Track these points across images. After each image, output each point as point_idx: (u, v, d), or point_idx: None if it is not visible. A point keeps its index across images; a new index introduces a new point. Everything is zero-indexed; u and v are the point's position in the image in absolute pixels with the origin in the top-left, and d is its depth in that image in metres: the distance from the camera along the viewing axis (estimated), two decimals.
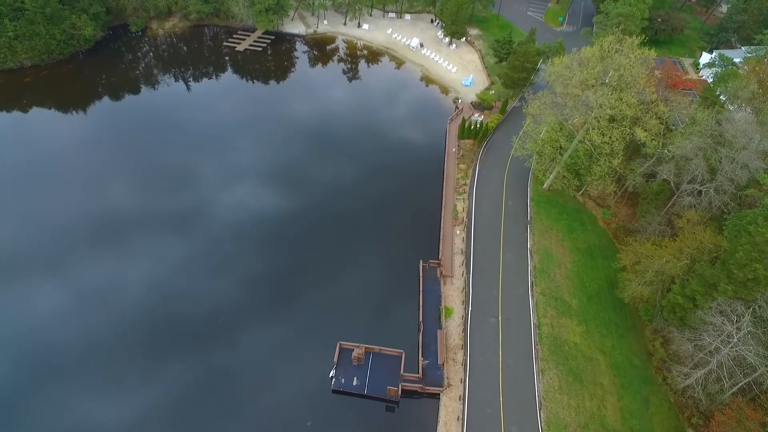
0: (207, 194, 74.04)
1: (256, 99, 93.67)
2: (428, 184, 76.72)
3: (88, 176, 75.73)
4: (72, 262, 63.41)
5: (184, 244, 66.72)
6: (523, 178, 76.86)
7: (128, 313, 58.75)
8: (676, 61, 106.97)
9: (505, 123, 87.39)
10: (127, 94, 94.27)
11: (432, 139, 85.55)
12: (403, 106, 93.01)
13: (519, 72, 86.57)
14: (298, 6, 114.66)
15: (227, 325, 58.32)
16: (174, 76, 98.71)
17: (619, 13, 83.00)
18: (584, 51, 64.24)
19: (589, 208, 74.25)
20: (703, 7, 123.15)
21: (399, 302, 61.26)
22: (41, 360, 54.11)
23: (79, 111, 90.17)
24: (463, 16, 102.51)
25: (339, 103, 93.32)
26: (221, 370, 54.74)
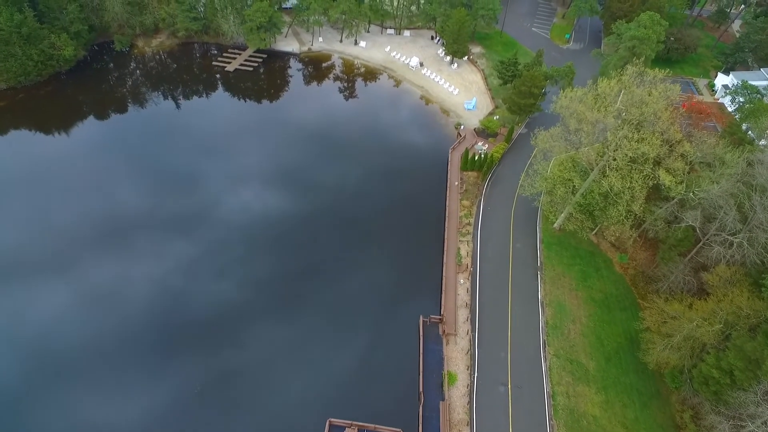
0: (184, 227, 67.02)
1: (245, 124, 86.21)
2: (428, 223, 69.57)
3: (66, 203, 69.06)
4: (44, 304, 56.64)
5: (157, 294, 59.78)
6: (532, 216, 69.85)
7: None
8: (690, 83, 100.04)
9: (510, 152, 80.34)
10: (108, 116, 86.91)
11: (432, 169, 78.34)
12: (401, 133, 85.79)
13: (525, 98, 79.48)
14: (292, 22, 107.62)
15: (205, 395, 51.35)
16: (159, 99, 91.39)
17: (634, 36, 75.96)
18: (601, 85, 57.28)
19: (604, 249, 67.24)
20: (714, 23, 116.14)
21: (396, 367, 53.95)
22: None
23: (57, 135, 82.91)
24: (465, 34, 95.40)
25: (333, 128, 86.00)
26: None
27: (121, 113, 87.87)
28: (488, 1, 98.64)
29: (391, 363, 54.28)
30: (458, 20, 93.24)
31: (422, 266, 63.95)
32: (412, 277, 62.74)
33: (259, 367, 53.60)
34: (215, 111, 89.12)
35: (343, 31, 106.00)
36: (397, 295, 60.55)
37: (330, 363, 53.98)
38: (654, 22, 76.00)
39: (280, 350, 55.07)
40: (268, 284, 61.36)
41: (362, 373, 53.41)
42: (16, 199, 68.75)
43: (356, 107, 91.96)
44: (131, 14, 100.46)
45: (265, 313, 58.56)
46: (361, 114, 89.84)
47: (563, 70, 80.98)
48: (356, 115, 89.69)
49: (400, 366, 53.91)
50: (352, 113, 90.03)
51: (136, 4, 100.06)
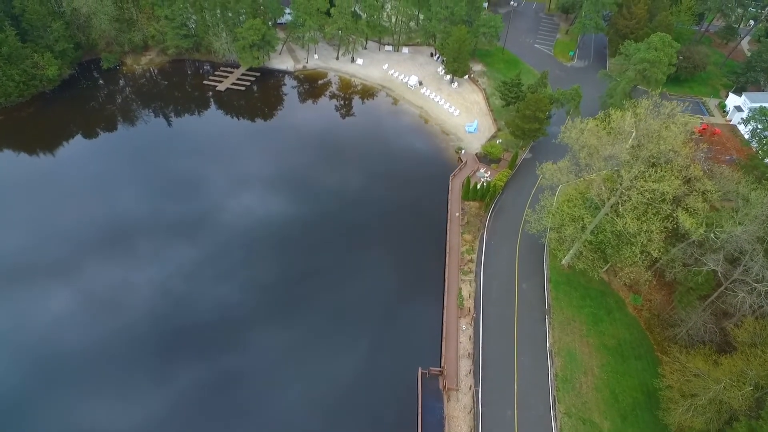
0: (164, 257, 62.06)
1: (235, 148, 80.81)
2: (428, 259, 64.44)
3: (47, 228, 64.80)
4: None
5: (128, 330, 54.82)
6: (538, 251, 64.78)
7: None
8: (700, 103, 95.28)
9: (514, 179, 75.40)
10: (93, 138, 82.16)
11: (432, 198, 73.27)
12: (400, 157, 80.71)
13: (530, 122, 74.62)
14: (287, 39, 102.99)
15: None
16: (146, 120, 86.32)
17: (644, 59, 71.20)
18: (614, 118, 52.38)
19: (616, 288, 62.16)
20: (722, 39, 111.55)
21: (392, 429, 48.92)
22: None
23: (39, 158, 78.13)
24: (466, 52, 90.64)
25: (327, 153, 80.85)
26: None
27: (106, 134, 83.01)
28: (490, 19, 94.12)
29: (386, 425, 49.03)
30: (459, 38, 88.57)
31: (421, 309, 58.77)
32: (410, 321, 57.49)
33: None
34: (204, 134, 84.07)
35: (340, 48, 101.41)
36: (394, 343, 55.26)
37: (322, 424, 48.83)
38: (665, 43, 71.22)
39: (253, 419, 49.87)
40: (250, 335, 56.40)
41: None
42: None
43: (352, 129, 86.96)
44: (119, 31, 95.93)
45: (245, 374, 53.49)
46: (357, 137, 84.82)
47: (570, 93, 76.16)
48: (352, 138, 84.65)
49: (396, 428, 48.69)
50: (348, 136, 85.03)
51: (124, 21, 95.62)
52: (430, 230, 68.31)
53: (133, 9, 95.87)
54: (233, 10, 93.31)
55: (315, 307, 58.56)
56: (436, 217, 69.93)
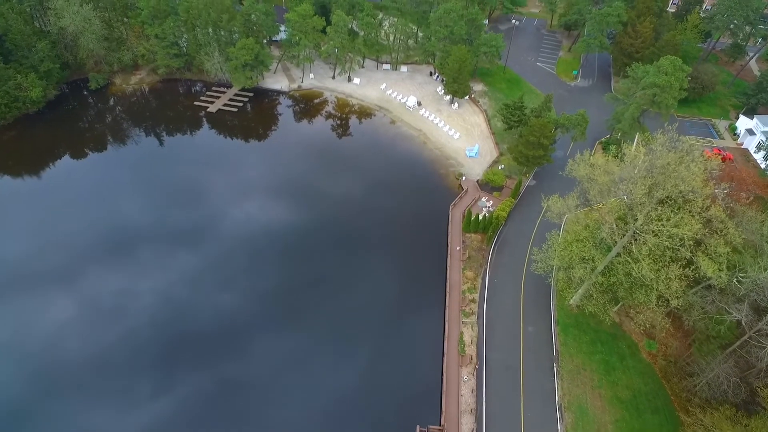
0: (145, 290, 57.65)
1: (223, 174, 76.27)
2: (427, 299, 59.83)
3: (28, 255, 61.22)
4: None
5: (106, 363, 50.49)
6: (544, 289, 60.28)
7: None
8: (709, 125, 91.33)
9: (518, 209, 71.09)
10: (76, 162, 78.06)
11: (431, 230, 68.84)
12: (397, 184, 76.29)
13: (534, 149, 70.55)
14: (281, 58, 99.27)
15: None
16: (132, 144, 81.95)
17: (654, 84, 67.28)
18: (628, 155, 48.19)
19: (628, 330, 57.62)
20: (729, 57, 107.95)
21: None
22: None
23: (20, 182, 73.92)
24: (466, 72, 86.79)
25: (320, 178, 76.08)
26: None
27: (91, 157, 79.00)
28: (491, 38, 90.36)
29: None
30: (459, 58, 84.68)
31: (420, 356, 54.08)
32: (408, 370, 52.74)
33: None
34: (193, 158, 79.78)
35: (336, 67, 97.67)
36: (390, 398, 50.58)
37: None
38: (676, 67, 67.28)
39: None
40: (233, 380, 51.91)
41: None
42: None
43: (348, 155, 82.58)
44: (108, 50, 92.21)
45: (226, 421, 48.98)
46: (353, 163, 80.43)
47: (575, 118, 72.12)
48: (348, 164, 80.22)
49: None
50: (343, 162, 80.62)
51: (113, 39, 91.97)
52: (429, 265, 63.87)
53: (122, 27, 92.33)
54: (226, 28, 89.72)
55: (305, 359, 53.97)
56: (436, 251, 65.51)
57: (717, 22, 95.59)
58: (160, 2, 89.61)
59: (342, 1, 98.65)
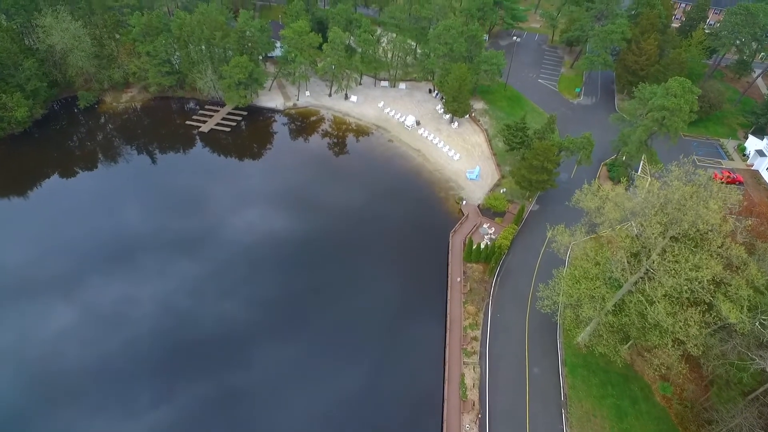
0: (129, 320, 54.00)
1: (214, 196, 73.01)
2: (425, 338, 55.83)
3: (11, 278, 58.11)
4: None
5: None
6: (550, 326, 56.39)
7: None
8: (717, 145, 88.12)
9: (521, 236, 67.55)
10: (61, 183, 74.61)
11: (430, 259, 65.20)
12: (395, 209, 72.70)
13: (538, 173, 67.31)
14: (276, 75, 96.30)
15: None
16: (119, 165, 78.50)
17: (663, 107, 64.10)
18: (640, 188, 44.88)
19: (640, 371, 53.72)
20: (735, 73, 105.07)
21: None
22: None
23: (1, 206, 70.78)
24: (467, 91, 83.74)
25: (313, 202, 72.52)
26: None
27: (76, 179, 75.56)
28: (491, 55, 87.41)
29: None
30: (459, 76, 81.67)
31: (419, 402, 50.27)
32: (407, 420, 49.03)
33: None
34: (183, 180, 76.27)
35: (332, 84, 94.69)
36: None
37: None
38: (685, 89, 64.14)
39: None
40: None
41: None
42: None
43: (344, 176, 78.96)
44: (99, 68, 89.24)
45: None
46: (349, 185, 76.81)
47: (580, 142, 68.83)
48: (343, 186, 76.59)
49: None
50: (339, 184, 77.03)
51: (104, 57, 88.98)
52: (428, 298, 60.14)
53: (113, 45, 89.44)
54: (219, 45, 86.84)
55: (295, 411, 50.21)
56: (436, 282, 61.83)
57: (723, 39, 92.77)
58: (152, 19, 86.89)
59: (339, 18, 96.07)
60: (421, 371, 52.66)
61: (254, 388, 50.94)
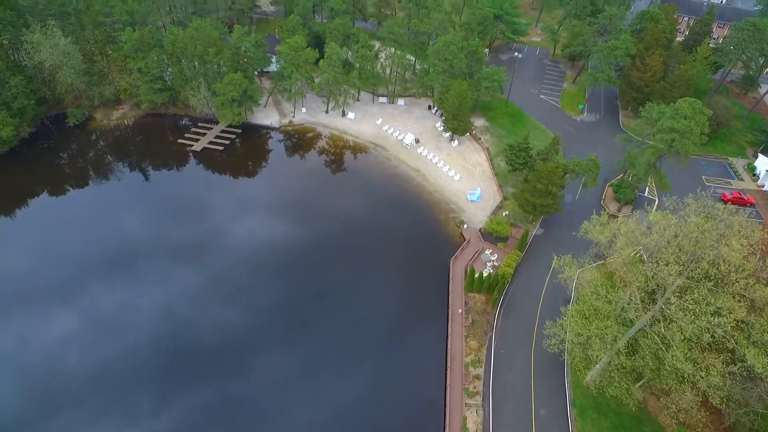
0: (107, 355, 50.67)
1: (200, 221, 69.55)
2: (425, 374, 52.34)
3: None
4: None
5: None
6: (557, 364, 52.93)
7: None
8: (726, 164, 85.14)
9: (525, 263, 64.20)
10: (47, 205, 71.33)
11: (429, 288, 61.70)
12: (392, 232, 69.31)
13: (542, 197, 64.20)
14: (272, 91, 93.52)
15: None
16: (107, 186, 75.22)
17: (672, 129, 61.19)
18: (655, 225, 41.58)
19: (654, 411, 50.14)
20: (741, 89, 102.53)
21: None
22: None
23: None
24: (467, 109, 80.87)
25: (307, 224, 69.37)
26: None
27: (61, 202, 72.27)
28: (493, 72, 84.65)
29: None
30: (459, 94, 78.88)
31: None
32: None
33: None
34: (172, 202, 73.22)
35: (329, 101, 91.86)
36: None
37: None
38: (696, 110, 61.21)
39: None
40: None
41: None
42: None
43: (340, 198, 75.40)
44: (89, 85, 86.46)
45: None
46: (345, 207, 73.42)
47: (586, 164, 65.74)
48: (340, 208, 73.20)
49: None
50: (335, 206, 73.56)
51: (94, 73, 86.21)
52: (427, 333, 56.63)
53: (103, 61, 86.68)
54: (212, 62, 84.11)
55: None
56: (435, 314, 58.36)
57: (731, 55, 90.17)
58: (144, 35, 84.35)
59: (336, 33, 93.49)
60: (420, 415, 49.12)
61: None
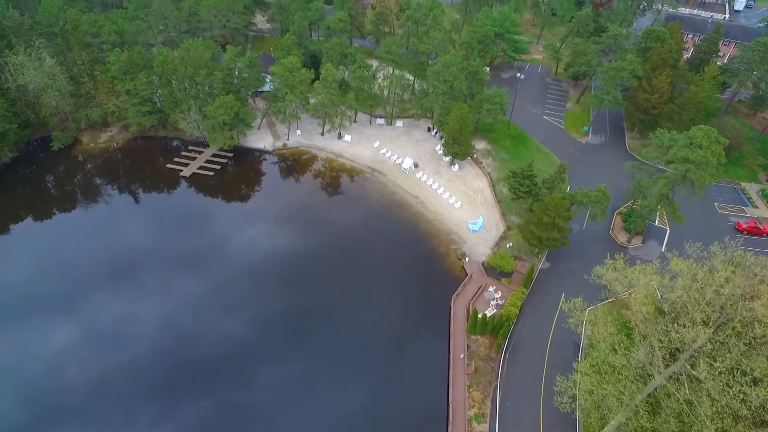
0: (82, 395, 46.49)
1: (188, 251, 65.51)
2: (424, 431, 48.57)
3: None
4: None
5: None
6: (568, 420, 48.60)
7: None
8: (738, 189, 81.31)
9: (531, 300, 59.97)
10: (21, 239, 67.16)
11: (428, 330, 57.26)
12: (389, 266, 65.05)
13: (548, 230, 60.26)
14: (266, 112, 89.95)
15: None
16: (93, 214, 71.46)
17: (687, 159, 57.40)
18: (680, 284, 37.50)
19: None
20: (750, 109, 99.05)
21: None
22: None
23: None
24: (468, 133, 77.19)
25: (297, 259, 65.17)
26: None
27: (41, 232, 68.31)
28: (494, 94, 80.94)
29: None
30: (460, 117, 75.22)
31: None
32: None
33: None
34: (157, 233, 69.10)
35: (325, 123, 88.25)
36: None
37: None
38: (711, 140, 57.48)
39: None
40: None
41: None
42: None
43: (334, 228, 71.02)
44: (76, 107, 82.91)
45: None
46: (340, 238, 69.10)
47: (595, 195, 61.83)
48: (335, 240, 68.86)
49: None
50: (329, 237, 69.22)
51: (81, 95, 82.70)
52: (427, 382, 52.16)
53: (90, 83, 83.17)
54: (203, 84, 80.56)
55: None
56: (436, 360, 54.07)
57: (741, 76, 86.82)
58: (133, 56, 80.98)
59: (332, 52, 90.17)
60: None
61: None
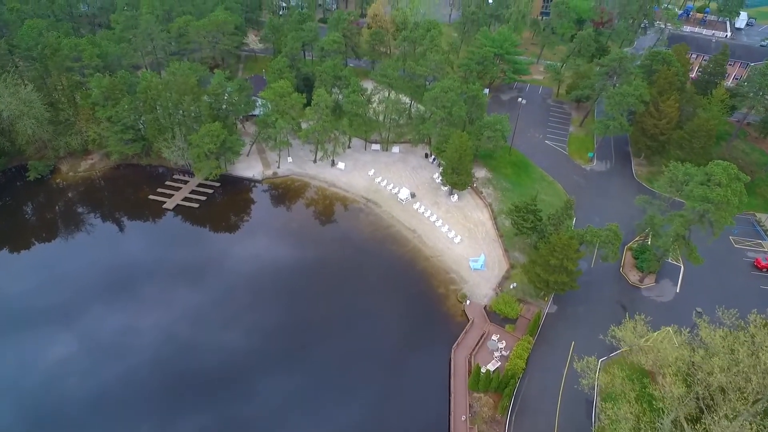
0: None
1: (165, 294, 60.74)
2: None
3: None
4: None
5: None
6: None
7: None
8: (753, 221, 76.85)
9: (539, 350, 54.71)
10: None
11: (426, 385, 52.02)
12: (383, 312, 59.84)
13: (556, 274, 55.51)
14: (256, 138, 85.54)
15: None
16: (66, 252, 66.55)
17: (705, 198, 52.94)
18: (710, 346, 32.90)
19: None
20: (760, 133, 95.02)
21: None
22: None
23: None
24: (468, 162, 72.68)
25: (283, 304, 60.47)
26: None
27: (10, 268, 63.45)
28: (495, 121, 76.77)
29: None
30: (459, 146, 70.84)
31: None
32: None
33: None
34: (135, 269, 63.92)
35: (317, 150, 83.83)
36: None
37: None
38: (731, 177, 53.07)
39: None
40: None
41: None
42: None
43: (325, 266, 66.06)
44: (55, 134, 78.34)
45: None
46: (331, 279, 63.94)
47: (606, 235, 57.10)
48: (325, 279, 63.81)
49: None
50: (320, 276, 64.20)
51: (59, 123, 78.25)
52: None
53: (70, 109, 78.79)
54: (188, 110, 76.18)
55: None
56: (434, 422, 48.83)
57: (752, 100, 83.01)
58: (115, 82, 76.69)
59: (326, 75, 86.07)
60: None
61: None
